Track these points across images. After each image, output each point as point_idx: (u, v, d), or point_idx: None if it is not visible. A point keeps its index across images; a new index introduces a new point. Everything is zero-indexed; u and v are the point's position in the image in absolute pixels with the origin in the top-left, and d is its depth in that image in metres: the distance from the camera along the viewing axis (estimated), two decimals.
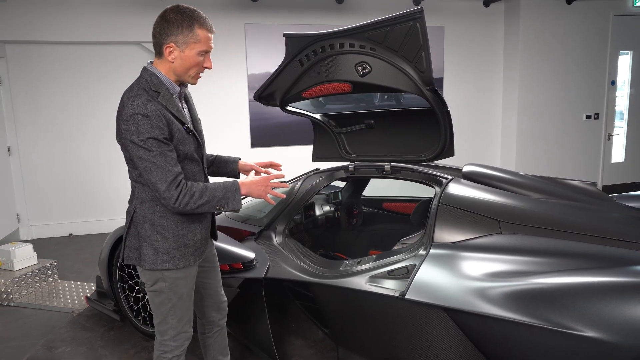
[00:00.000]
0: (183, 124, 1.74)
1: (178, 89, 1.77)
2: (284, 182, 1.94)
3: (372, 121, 2.75)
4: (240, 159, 2.14)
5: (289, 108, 2.67)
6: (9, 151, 5.28)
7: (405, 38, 2.04)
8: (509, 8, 6.37)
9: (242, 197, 1.80)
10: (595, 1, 6.41)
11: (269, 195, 1.84)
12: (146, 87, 1.69)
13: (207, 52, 1.74)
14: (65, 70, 5.37)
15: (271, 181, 1.85)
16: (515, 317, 1.66)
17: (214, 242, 2.13)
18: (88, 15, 5.16)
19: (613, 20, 6.52)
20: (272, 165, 2.12)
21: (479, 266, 1.91)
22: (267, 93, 2.54)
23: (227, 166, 2.12)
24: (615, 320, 1.54)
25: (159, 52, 1.73)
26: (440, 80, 6.36)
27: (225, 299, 2.18)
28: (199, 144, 1.85)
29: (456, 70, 6.44)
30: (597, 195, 2.38)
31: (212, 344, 2.17)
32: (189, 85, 1.85)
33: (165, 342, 1.87)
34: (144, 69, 1.74)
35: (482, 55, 6.53)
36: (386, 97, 5.96)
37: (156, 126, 1.62)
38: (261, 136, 5.84)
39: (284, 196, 1.81)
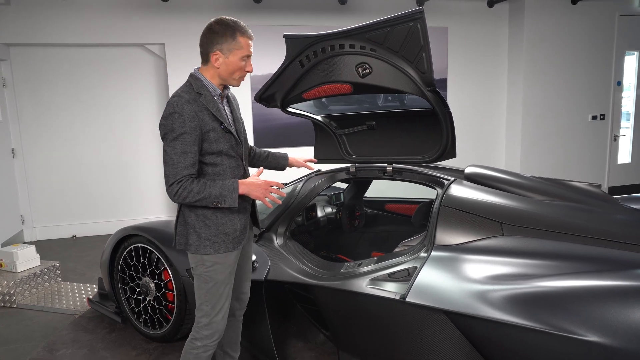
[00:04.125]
0: (221, 123, 1.89)
1: (219, 91, 1.95)
2: (283, 191, 2.01)
3: (374, 122, 2.74)
4: (287, 155, 2.44)
5: (289, 109, 2.66)
6: (13, 153, 5.31)
7: (405, 39, 2.03)
8: (514, 8, 6.34)
9: (240, 195, 1.89)
10: (601, 1, 6.36)
11: (267, 200, 1.93)
12: (189, 89, 1.87)
13: (249, 56, 1.91)
14: (68, 73, 5.39)
15: (271, 187, 1.95)
16: (517, 321, 1.63)
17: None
18: (91, 17, 5.18)
19: (618, 20, 6.46)
20: (311, 160, 2.51)
21: (480, 269, 1.89)
22: (267, 94, 2.54)
23: (278, 162, 2.40)
24: (618, 324, 1.51)
25: (205, 60, 1.91)
26: (444, 81, 6.32)
27: (247, 291, 2.25)
28: (237, 141, 1.98)
29: (460, 71, 6.41)
30: (601, 197, 2.35)
31: (225, 333, 2.21)
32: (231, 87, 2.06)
33: (199, 329, 1.98)
34: (191, 75, 1.92)
35: (487, 56, 6.49)
36: (389, 98, 5.95)
37: (188, 125, 1.79)
38: (264, 137, 5.84)
39: (280, 202, 1.96)
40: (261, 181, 1.92)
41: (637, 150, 6.98)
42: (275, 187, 1.96)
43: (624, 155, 6.95)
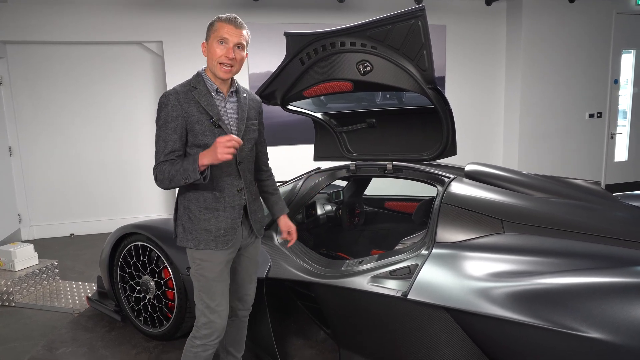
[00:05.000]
0: (210, 117, 1.89)
1: (216, 86, 1.93)
2: (283, 189, 1.98)
3: (374, 120, 2.74)
4: (287, 213, 2.29)
5: (290, 107, 2.66)
6: (10, 151, 5.28)
7: (406, 36, 2.03)
8: (511, 6, 6.35)
9: (205, 166, 1.77)
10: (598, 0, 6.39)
11: (225, 155, 1.76)
12: (187, 83, 1.94)
13: (225, 40, 1.87)
14: (66, 70, 5.37)
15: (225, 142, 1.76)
16: (519, 318, 1.64)
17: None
18: (89, 15, 5.15)
19: (616, 18, 6.48)
20: (291, 236, 2.26)
21: (481, 266, 1.90)
22: (268, 92, 2.53)
23: (273, 207, 2.27)
24: (620, 321, 1.52)
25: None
26: (443, 79, 6.33)
27: (250, 293, 2.23)
28: None
29: (458, 69, 6.42)
30: (601, 195, 2.36)
31: (227, 331, 2.21)
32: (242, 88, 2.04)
33: (197, 328, 2.00)
34: (197, 71, 1.98)
35: (485, 53, 6.50)
36: (388, 95, 5.94)
37: (170, 114, 1.86)
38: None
39: (234, 151, 1.75)
40: (214, 144, 1.75)
41: (634, 148, 7.01)
42: (231, 143, 1.74)
43: (621, 153, 6.98)
